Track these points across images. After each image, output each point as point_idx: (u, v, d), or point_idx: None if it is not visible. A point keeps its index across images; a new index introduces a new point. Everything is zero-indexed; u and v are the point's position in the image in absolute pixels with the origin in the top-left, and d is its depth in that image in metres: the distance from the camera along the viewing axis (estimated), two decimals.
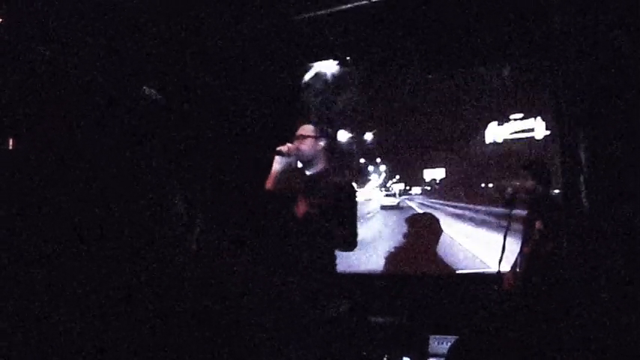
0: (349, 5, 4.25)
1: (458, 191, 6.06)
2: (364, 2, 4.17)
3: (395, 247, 5.32)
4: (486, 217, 5.60)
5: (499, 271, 3.68)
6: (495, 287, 3.72)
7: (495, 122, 5.61)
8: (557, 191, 3.96)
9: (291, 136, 3.21)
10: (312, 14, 4.37)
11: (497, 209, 5.26)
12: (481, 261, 4.88)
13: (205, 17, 4.04)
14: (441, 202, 6.14)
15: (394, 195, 6.61)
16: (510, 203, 3.82)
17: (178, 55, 4.03)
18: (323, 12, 4.33)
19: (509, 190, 3.84)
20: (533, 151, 5.25)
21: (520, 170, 3.90)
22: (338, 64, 5.15)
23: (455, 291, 4.36)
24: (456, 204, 5.89)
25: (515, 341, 1.82)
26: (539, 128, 5.23)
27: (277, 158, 3.12)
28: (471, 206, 5.80)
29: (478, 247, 5.16)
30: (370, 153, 6.46)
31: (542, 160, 4.32)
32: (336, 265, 3.15)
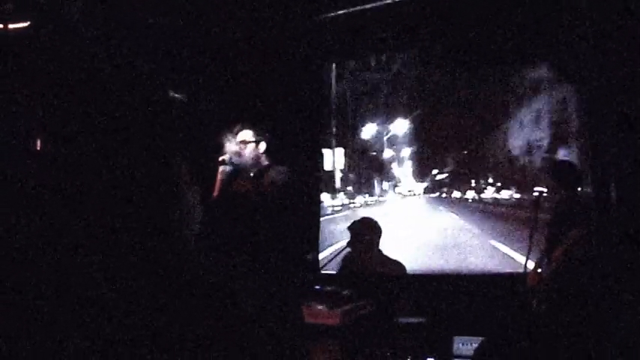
0: (372, 5, 4.23)
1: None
2: (388, 1, 4.15)
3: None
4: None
5: (525, 272, 3.63)
6: (521, 288, 3.67)
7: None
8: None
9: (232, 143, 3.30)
10: (334, 14, 4.36)
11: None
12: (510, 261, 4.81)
13: (226, 19, 4.07)
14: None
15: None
16: (536, 205, 3.76)
17: (201, 56, 4.06)
18: (345, 11, 4.32)
19: (535, 192, 3.79)
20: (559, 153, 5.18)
21: (544, 173, 3.85)
22: (359, 63, 5.13)
23: (480, 291, 4.30)
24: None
25: (541, 344, 1.79)
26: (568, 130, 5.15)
27: (221, 167, 3.22)
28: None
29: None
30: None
31: (568, 162, 4.24)
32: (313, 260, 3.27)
